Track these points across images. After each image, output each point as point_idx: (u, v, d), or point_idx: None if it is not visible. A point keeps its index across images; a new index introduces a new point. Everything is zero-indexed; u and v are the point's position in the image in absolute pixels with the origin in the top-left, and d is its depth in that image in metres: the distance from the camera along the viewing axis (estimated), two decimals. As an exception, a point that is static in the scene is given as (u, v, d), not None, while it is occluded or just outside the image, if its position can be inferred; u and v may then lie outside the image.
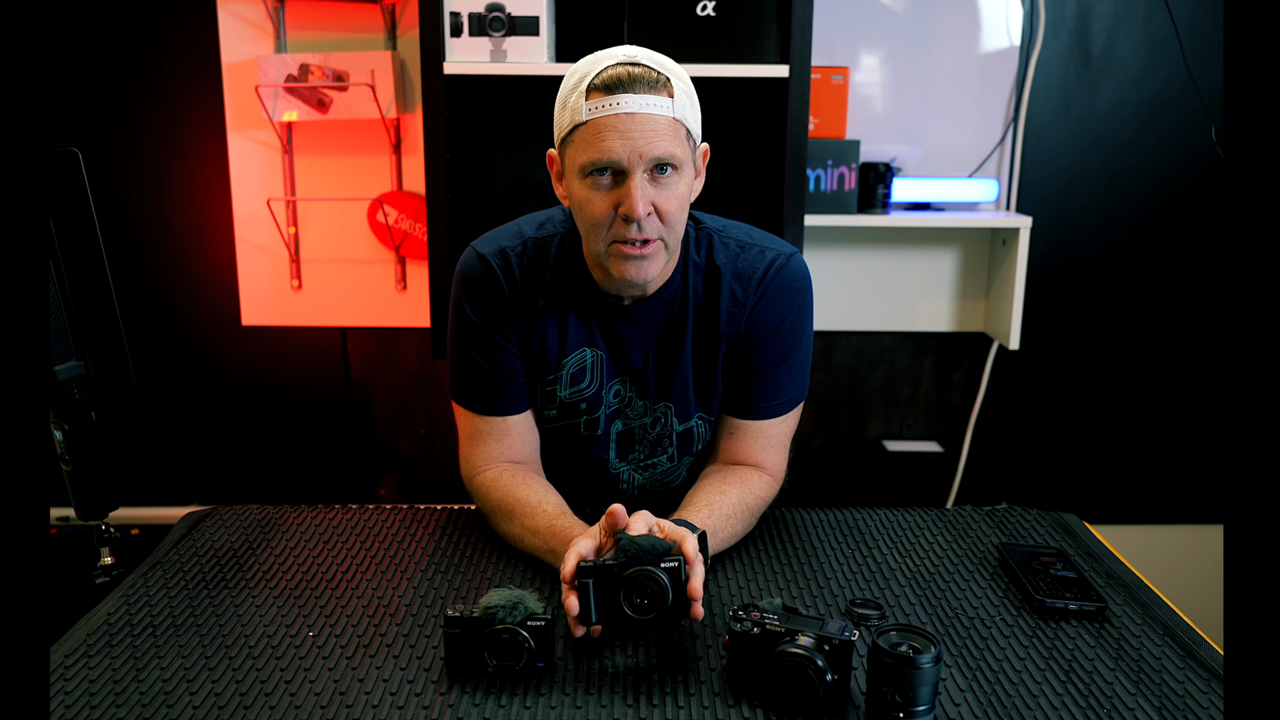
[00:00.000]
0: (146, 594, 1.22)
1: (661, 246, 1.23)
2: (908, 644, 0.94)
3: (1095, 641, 1.12)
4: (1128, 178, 2.58)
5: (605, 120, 1.17)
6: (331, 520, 1.43)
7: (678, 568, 1.01)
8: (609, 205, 1.20)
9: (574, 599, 1.03)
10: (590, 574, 1.02)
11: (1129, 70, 2.53)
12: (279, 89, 2.41)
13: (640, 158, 1.17)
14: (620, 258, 1.23)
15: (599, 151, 1.17)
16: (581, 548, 1.08)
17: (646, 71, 1.17)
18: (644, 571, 1.01)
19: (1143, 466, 2.75)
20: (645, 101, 1.16)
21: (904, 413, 2.75)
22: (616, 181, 1.19)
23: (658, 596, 1.01)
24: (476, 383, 1.36)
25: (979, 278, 2.62)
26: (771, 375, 1.36)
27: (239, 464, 2.73)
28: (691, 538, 1.06)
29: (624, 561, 1.02)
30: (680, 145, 1.19)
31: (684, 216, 1.24)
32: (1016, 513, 1.48)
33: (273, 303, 2.60)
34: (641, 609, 1.01)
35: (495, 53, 2.04)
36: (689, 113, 1.20)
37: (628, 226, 1.20)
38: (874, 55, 2.50)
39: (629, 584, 1.01)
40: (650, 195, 1.19)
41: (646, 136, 1.16)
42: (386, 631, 1.13)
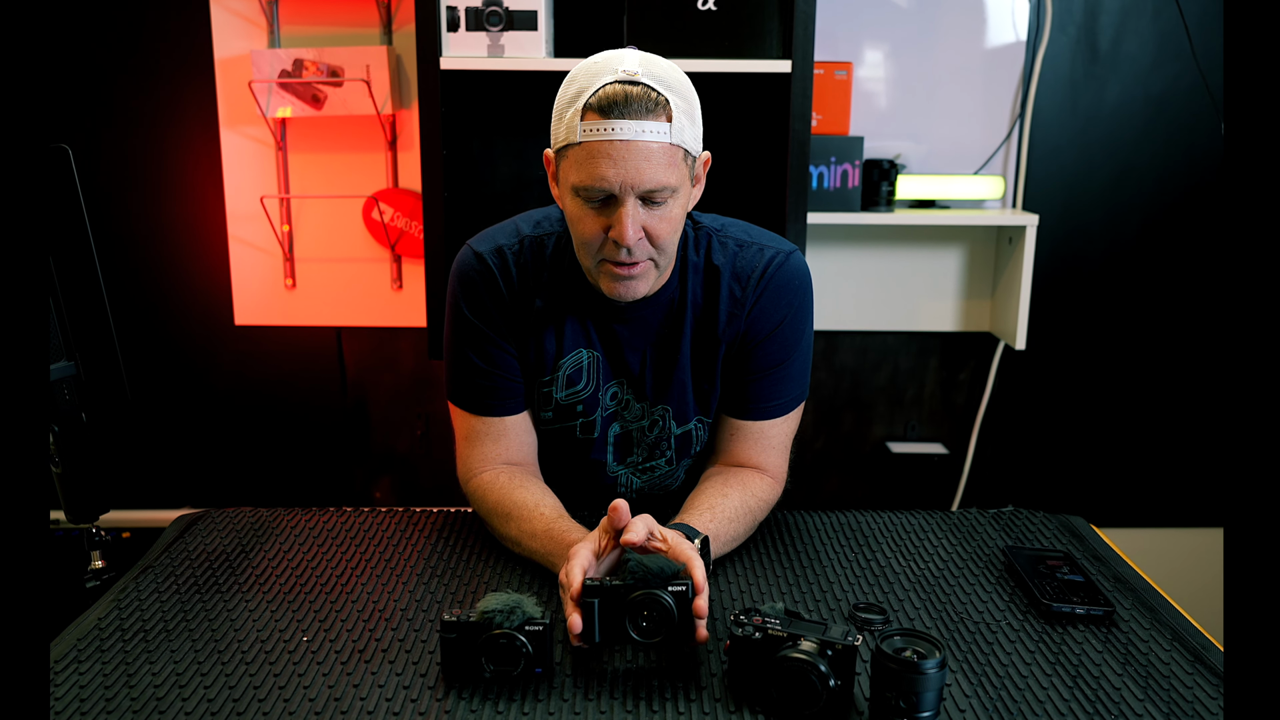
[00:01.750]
0: (138, 598, 1.22)
1: (651, 266, 1.24)
2: (912, 649, 0.94)
3: (1102, 646, 1.12)
4: (1136, 175, 2.58)
5: (598, 146, 1.16)
6: (326, 523, 1.43)
7: (685, 591, 1.02)
8: (599, 227, 1.20)
9: (578, 617, 1.03)
10: (596, 594, 1.02)
11: (1137, 65, 2.53)
12: (273, 84, 2.41)
13: (633, 188, 1.17)
14: (610, 276, 1.24)
15: (591, 178, 1.17)
16: (583, 559, 1.08)
17: (645, 93, 1.16)
18: (650, 595, 1.01)
19: (1151, 468, 2.75)
20: (641, 128, 1.15)
21: (908, 414, 2.75)
22: (608, 206, 1.20)
23: (663, 619, 1.01)
24: (473, 383, 1.36)
25: (984, 276, 2.63)
26: (771, 375, 1.36)
27: (232, 466, 2.73)
28: (700, 564, 1.06)
29: (631, 584, 1.02)
30: (675, 170, 1.19)
31: (677, 236, 1.24)
32: (1022, 515, 1.48)
33: (266, 302, 2.60)
34: (646, 631, 1.02)
35: (493, 48, 2.04)
36: (687, 134, 1.19)
37: (617, 249, 1.20)
38: (878, 50, 2.50)
39: (635, 606, 1.01)
40: (641, 220, 1.19)
41: (640, 166, 1.16)
42: (382, 637, 1.13)
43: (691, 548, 1.10)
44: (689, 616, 1.02)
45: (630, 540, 1.07)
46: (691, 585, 1.03)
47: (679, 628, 1.02)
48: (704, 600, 1.03)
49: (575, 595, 1.04)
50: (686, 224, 1.36)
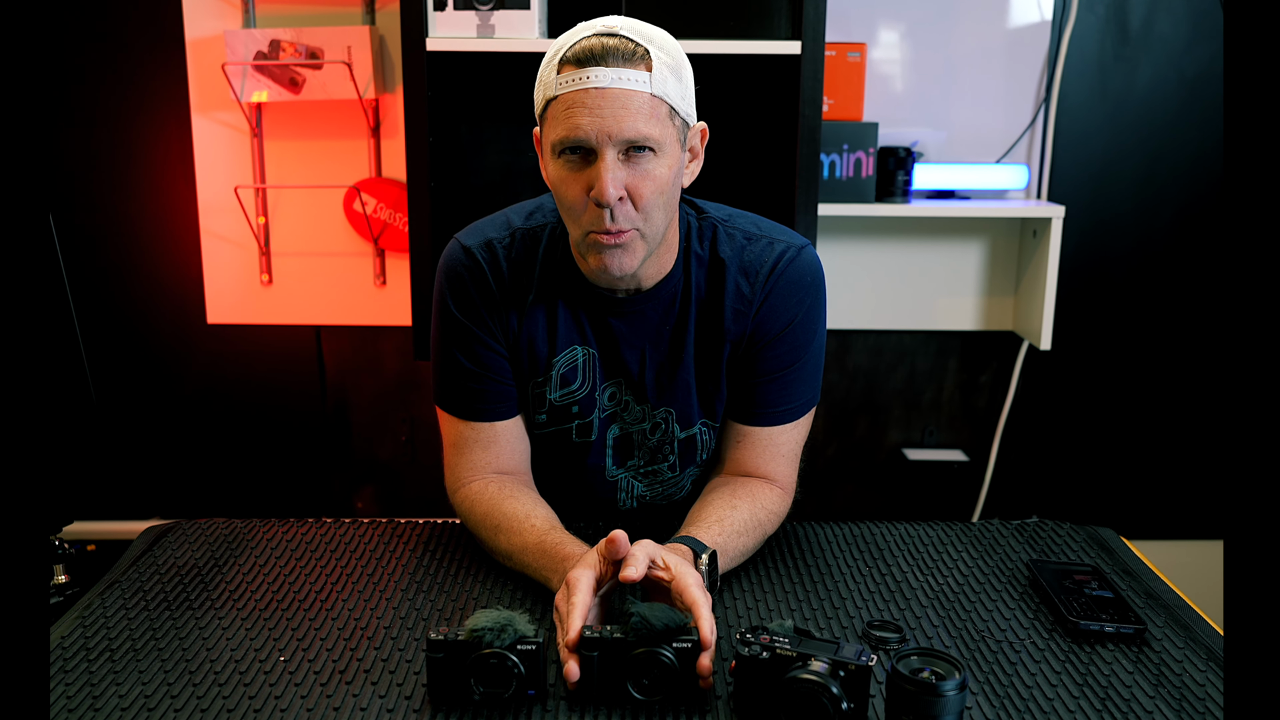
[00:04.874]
0: (104, 615, 1.22)
1: (638, 236, 1.23)
2: (930, 670, 0.94)
3: (1133, 667, 1.12)
4: (1169, 163, 2.59)
5: (574, 95, 1.17)
6: (304, 535, 1.44)
7: (690, 649, 1.02)
8: (581, 188, 1.20)
9: (575, 665, 1.03)
10: (596, 646, 1.02)
11: (1170, 46, 2.53)
12: (247, 67, 2.41)
13: (610, 137, 1.17)
14: (596, 248, 1.23)
15: (567, 129, 1.18)
16: (583, 597, 1.07)
17: (622, 43, 1.17)
18: (652, 653, 1.01)
19: (1184, 477, 2.75)
20: (618, 75, 1.16)
21: (926, 418, 2.75)
22: (587, 162, 1.19)
23: (665, 679, 1.01)
24: (461, 385, 1.37)
25: (1007, 272, 2.63)
26: (781, 378, 1.36)
27: (204, 474, 2.73)
28: (708, 613, 1.06)
29: (633, 640, 1.02)
30: (658, 124, 1.19)
31: (664, 203, 1.23)
32: (1048, 527, 1.49)
33: (240, 299, 2.60)
34: (648, 690, 1.02)
35: (482, 28, 2.04)
36: (671, 88, 1.19)
37: (600, 215, 1.20)
38: (893, 30, 2.51)
39: (636, 665, 1.01)
40: (622, 177, 1.19)
41: (617, 114, 1.16)
42: (364, 656, 1.13)
43: (698, 582, 1.09)
44: (693, 673, 1.02)
45: (629, 577, 1.06)
46: (697, 640, 1.02)
47: (683, 686, 1.02)
48: (709, 659, 1.02)
49: (571, 644, 1.04)
50: (690, 213, 1.36)
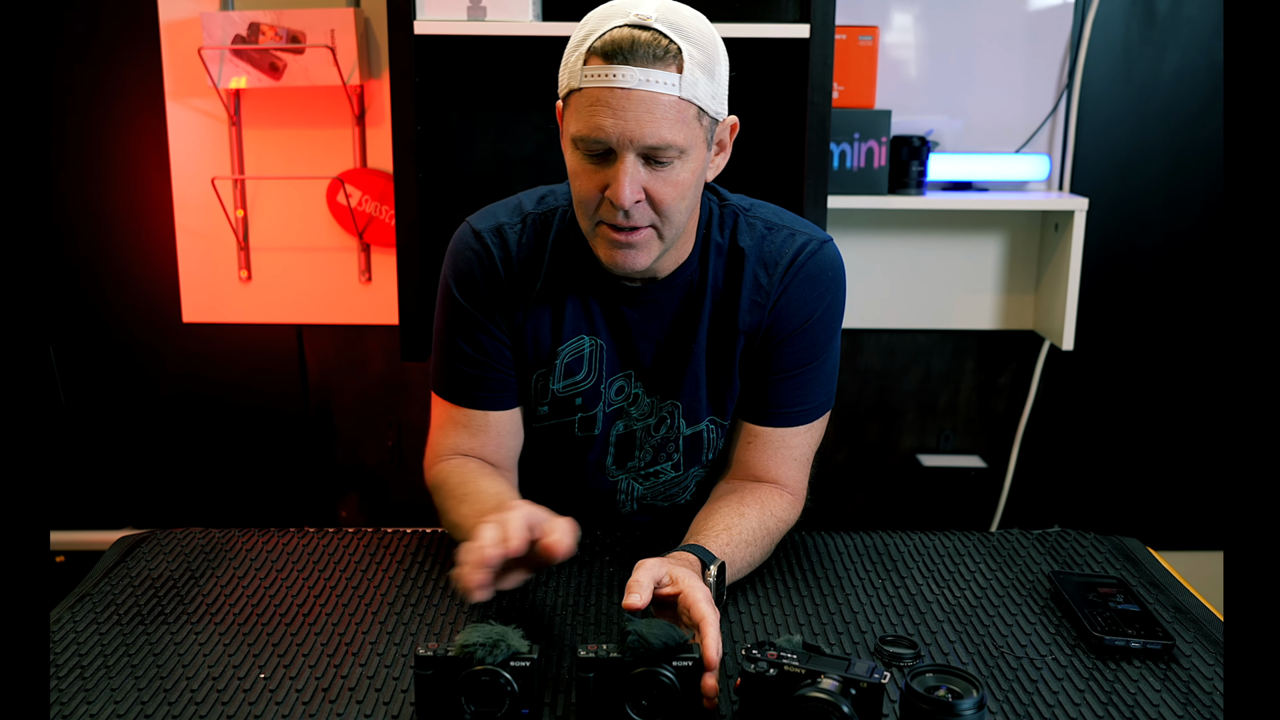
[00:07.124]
0: (74, 630, 1.22)
1: (654, 235, 1.24)
2: (946, 687, 0.94)
3: (1161, 684, 1.12)
4: (1198, 153, 2.59)
5: (599, 93, 1.18)
6: (286, 545, 1.44)
7: (691, 667, 1.01)
8: (596, 185, 1.21)
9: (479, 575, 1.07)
10: (592, 667, 1.02)
11: (1199, 30, 2.53)
12: (225, 51, 2.41)
13: (632, 142, 1.18)
14: (607, 242, 1.25)
15: (588, 127, 1.19)
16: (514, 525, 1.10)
17: (654, 39, 1.17)
18: (651, 673, 1.01)
19: (1213, 484, 2.75)
20: (645, 77, 1.16)
21: (941, 422, 2.75)
22: (607, 161, 1.20)
23: (666, 700, 1.01)
24: (459, 371, 1.37)
25: (1027, 268, 2.63)
26: (796, 377, 1.36)
27: (179, 481, 2.73)
28: (716, 630, 1.05)
29: (630, 660, 1.01)
30: (684, 128, 1.19)
31: (685, 204, 1.24)
32: (1070, 537, 1.49)
33: (218, 296, 2.60)
34: (647, 711, 1.02)
35: (473, 10, 2.04)
36: (701, 90, 1.20)
37: (614, 211, 1.21)
38: (907, 13, 2.51)
39: (634, 685, 1.01)
40: (642, 181, 1.20)
41: (641, 118, 1.17)
42: (349, 674, 1.13)
43: (707, 596, 1.08)
44: (695, 693, 1.02)
45: (633, 605, 1.05)
46: (699, 658, 1.01)
47: (684, 705, 1.02)
48: (714, 679, 1.02)
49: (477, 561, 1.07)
50: (712, 200, 1.37)
